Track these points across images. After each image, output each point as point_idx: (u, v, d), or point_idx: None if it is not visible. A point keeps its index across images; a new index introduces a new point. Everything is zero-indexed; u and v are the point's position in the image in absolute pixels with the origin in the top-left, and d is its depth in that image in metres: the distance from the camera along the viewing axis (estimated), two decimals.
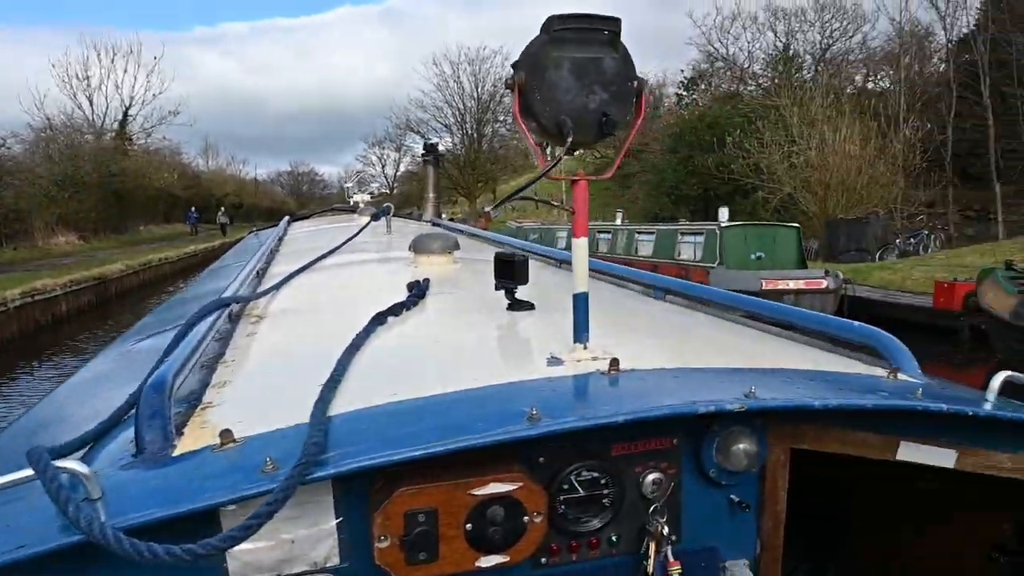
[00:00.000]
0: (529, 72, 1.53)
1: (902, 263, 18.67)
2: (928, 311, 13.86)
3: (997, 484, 1.67)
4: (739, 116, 31.14)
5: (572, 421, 1.33)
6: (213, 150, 77.32)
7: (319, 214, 9.83)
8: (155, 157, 44.96)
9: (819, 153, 22.98)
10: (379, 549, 1.29)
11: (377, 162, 71.84)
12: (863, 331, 2.04)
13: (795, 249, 16.63)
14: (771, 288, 14.86)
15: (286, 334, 2.33)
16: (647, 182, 36.01)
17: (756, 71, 36.35)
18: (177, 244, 36.16)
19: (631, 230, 20.19)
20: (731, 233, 16.28)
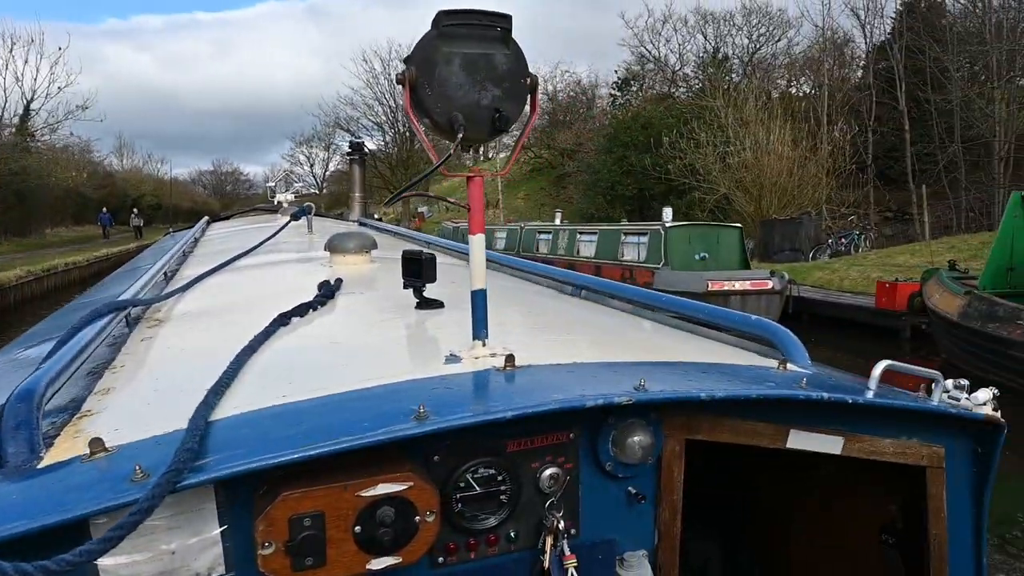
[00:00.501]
0: (420, 68, 1.51)
1: (837, 263, 18.86)
2: (870, 311, 13.89)
3: (885, 469, 1.76)
4: (672, 117, 31.24)
5: (459, 418, 1.31)
6: (128, 148, 73.44)
7: (240, 215, 9.62)
8: (62, 155, 41.73)
9: (753, 154, 23.06)
10: (263, 556, 1.23)
11: (305, 161, 69.86)
12: (759, 324, 2.10)
13: (738, 249, 16.47)
14: (717, 289, 14.58)
15: (185, 338, 2.21)
16: (582, 182, 35.76)
17: (687, 73, 36.73)
18: (88, 247, 33.67)
19: (572, 230, 19.69)
20: (675, 233, 15.97)
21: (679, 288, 15.12)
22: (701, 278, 14.84)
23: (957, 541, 1.83)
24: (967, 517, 1.86)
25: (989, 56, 26.40)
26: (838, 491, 2.04)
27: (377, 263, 3.38)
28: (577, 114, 44.12)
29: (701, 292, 14.70)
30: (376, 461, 1.32)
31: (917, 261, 17.09)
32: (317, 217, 6.40)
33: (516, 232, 23.01)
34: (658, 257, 15.84)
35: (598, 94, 45.03)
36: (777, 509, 2.31)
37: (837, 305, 14.73)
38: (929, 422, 1.77)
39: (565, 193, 40.57)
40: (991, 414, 1.73)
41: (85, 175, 45.91)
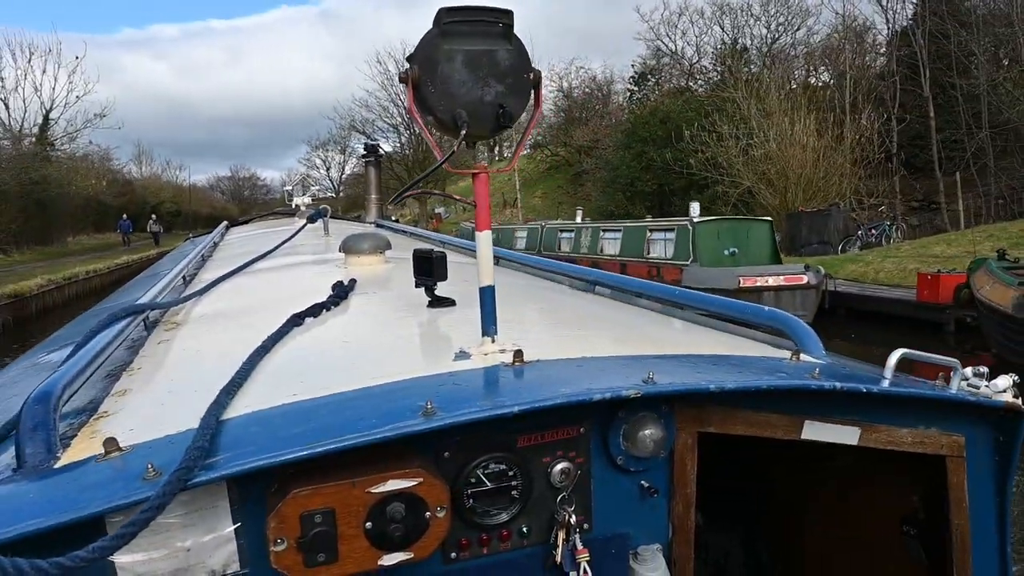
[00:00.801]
0: (422, 66, 1.50)
1: (869, 255, 18.22)
2: (911, 304, 13.28)
3: (905, 460, 1.76)
4: (691, 110, 30.61)
5: (466, 413, 1.29)
6: (147, 155, 73.85)
7: (259, 219, 9.62)
8: (82, 163, 41.89)
9: (778, 145, 22.43)
10: (275, 553, 1.23)
11: (321, 165, 69.80)
12: (771, 315, 2.07)
13: (768, 244, 15.94)
14: (749, 285, 14.07)
15: (201, 340, 2.22)
16: (601, 179, 35.22)
17: (705, 66, 36.02)
18: (108, 255, 33.66)
19: (595, 228, 19.23)
20: (704, 229, 15.47)
21: (709, 285, 14.62)
22: (732, 274, 14.34)
23: (980, 531, 1.79)
24: (990, 507, 1.82)
25: (1017, 39, 25.53)
26: (856, 482, 2.01)
27: (392, 263, 3.35)
28: (593, 110, 43.55)
29: (732, 289, 14.21)
30: (386, 458, 1.31)
31: (955, 251, 16.45)
32: (334, 219, 6.38)
33: (537, 231, 22.57)
34: (686, 253, 15.34)
35: (613, 90, 44.45)
36: (794, 501, 2.29)
37: (875, 299, 14.13)
38: (948, 411, 1.73)
39: (583, 191, 40.04)
40: (1012, 401, 1.68)
41: (104, 183, 46.09)
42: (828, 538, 2.17)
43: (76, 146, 39.70)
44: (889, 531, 1.94)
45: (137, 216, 48.44)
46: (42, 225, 35.79)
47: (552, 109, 45.76)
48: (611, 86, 44.41)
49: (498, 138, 37.52)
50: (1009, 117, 25.00)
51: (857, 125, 23.56)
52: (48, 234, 37.09)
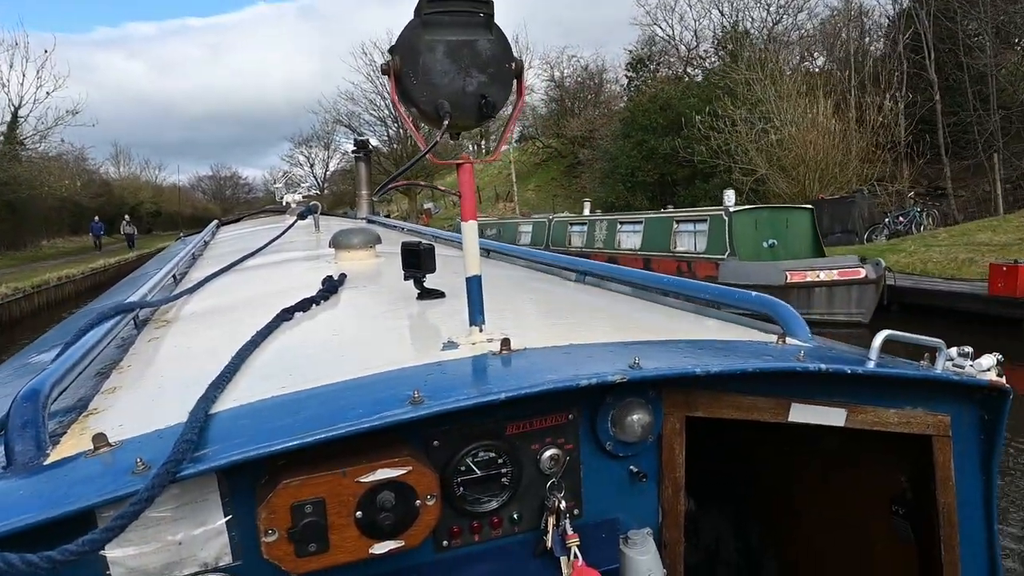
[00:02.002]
0: (404, 57, 1.49)
1: (904, 244, 16.73)
2: (980, 299, 11.73)
3: (892, 440, 1.75)
4: (694, 96, 29.00)
5: (453, 401, 1.29)
6: (124, 155, 70.75)
7: (249, 217, 9.42)
8: (55, 163, 39.36)
9: (797, 129, 20.85)
10: (266, 543, 1.23)
11: (305, 162, 67.54)
12: (759, 300, 2.08)
13: (810, 234, 14.37)
14: (798, 281, 12.49)
15: (191, 337, 2.19)
16: (599, 170, 33.52)
17: (707, 50, 34.33)
18: (84, 259, 31.41)
19: (611, 220, 17.53)
20: (741, 219, 13.85)
21: (751, 281, 13.00)
22: (777, 269, 12.74)
23: (967, 509, 1.79)
24: (976, 485, 1.82)
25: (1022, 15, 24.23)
26: (844, 463, 2.02)
27: (382, 258, 3.33)
28: (586, 100, 41.83)
29: (779, 285, 12.61)
30: (375, 447, 1.30)
31: (1005, 238, 15.02)
32: (324, 216, 6.33)
33: (543, 225, 20.82)
34: (722, 246, 13.72)
35: (606, 79, 42.73)
36: (784, 484, 2.32)
37: (939, 293, 12.57)
38: (933, 390, 1.74)
39: (578, 183, 38.39)
40: (996, 380, 1.69)
41: (79, 184, 43.50)
42: (818, 519, 2.17)
43: (48, 145, 37.13)
44: (878, 511, 1.94)
45: (115, 217, 46.04)
46: (12, 228, 33.42)
47: (544, 99, 44.01)
48: (603, 75, 42.70)
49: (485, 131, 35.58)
50: (1018, 98, 23.76)
51: (880, 107, 22.00)
52: (20, 237, 34.69)
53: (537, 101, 44.86)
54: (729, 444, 2.26)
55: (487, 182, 47.99)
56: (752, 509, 2.43)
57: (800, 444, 2.02)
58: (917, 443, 1.76)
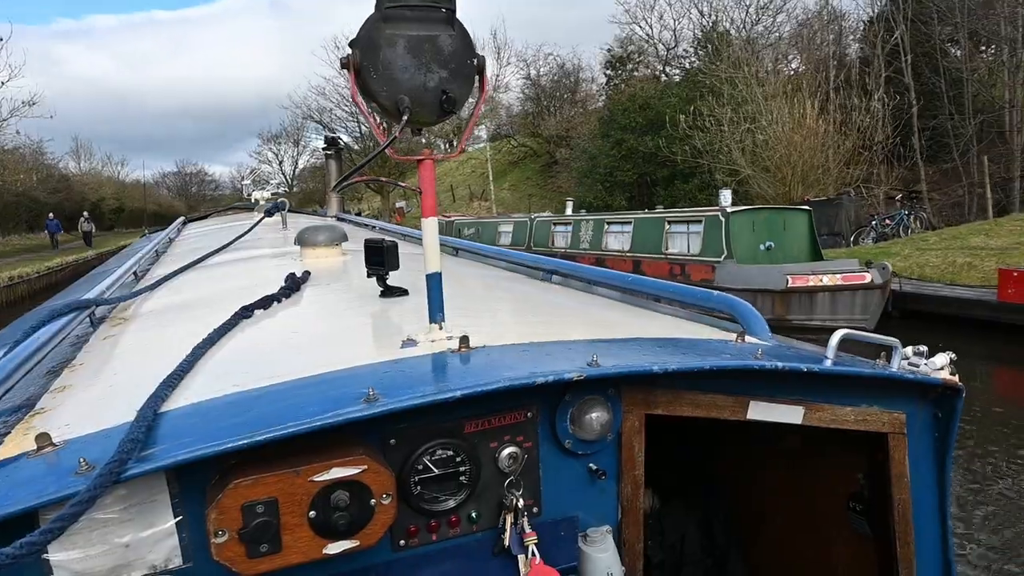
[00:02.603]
0: (364, 51, 1.46)
1: (898, 247, 16.24)
2: (989, 305, 11.20)
3: (850, 438, 1.77)
4: (673, 96, 28.42)
5: (407, 399, 1.26)
6: (86, 150, 67.97)
7: (217, 214, 9.29)
8: (10, 156, 37.29)
9: (783, 129, 20.30)
10: (216, 545, 1.18)
11: (274, 159, 65.55)
12: (720, 299, 2.08)
13: (807, 236, 13.73)
14: (800, 285, 11.81)
15: (149, 335, 2.14)
16: (577, 170, 32.77)
17: (687, 50, 33.72)
18: (41, 257, 29.67)
19: (598, 220, 16.73)
20: (739, 220, 13.13)
21: (750, 286, 12.32)
22: (778, 273, 12.05)
23: (922, 506, 1.80)
24: (931, 482, 1.83)
25: (996, 20, 24.12)
26: (805, 462, 2.03)
27: (349, 256, 3.27)
28: (562, 99, 41.08)
29: (780, 290, 11.95)
30: (330, 446, 1.26)
31: (1001, 242, 14.58)
32: (293, 214, 6.24)
33: (525, 225, 19.97)
34: (718, 248, 13.02)
35: (582, 77, 42.02)
36: (748, 482, 2.32)
37: (943, 299, 12.02)
38: (888, 389, 1.74)
39: (554, 182, 37.63)
40: (949, 378, 1.69)
41: (36, 178, 41.36)
42: (780, 517, 2.18)
43: (3, 137, 35.12)
44: (837, 509, 1.94)
45: (75, 214, 43.95)
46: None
47: (519, 98, 43.16)
48: (579, 73, 41.99)
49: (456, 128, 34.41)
50: (991, 101, 23.67)
51: (867, 108, 21.58)
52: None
53: (512, 99, 44.02)
54: (695, 443, 2.34)
55: (461, 180, 47.03)
56: (717, 507, 2.45)
57: (763, 443, 2.06)
58: (874, 441, 1.77)
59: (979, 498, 6.19)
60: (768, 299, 12.01)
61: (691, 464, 2.42)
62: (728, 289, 11.53)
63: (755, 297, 12.18)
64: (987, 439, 7.42)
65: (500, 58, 40.26)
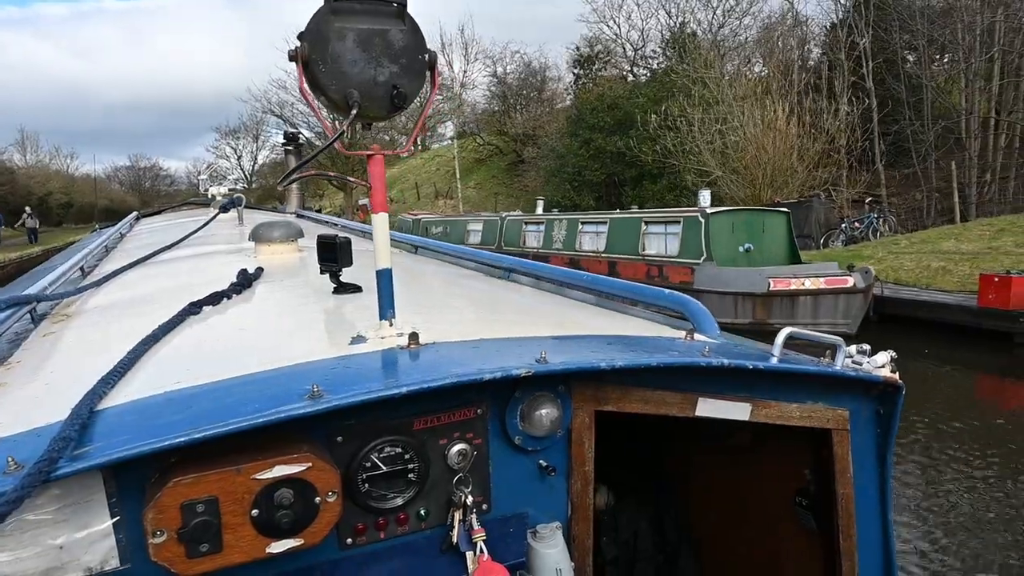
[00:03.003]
0: (312, 44, 1.43)
1: (869, 250, 16.13)
2: (969, 311, 11.03)
3: (799, 435, 1.80)
4: (642, 96, 28.15)
5: (352, 395, 1.23)
6: (32, 142, 64.79)
7: (172, 209, 9.06)
8: None
9: (755, 131, 20.11)
10: (154, 545, 1.14)
11: (232, 153, 63.54)
12: (671, 297, 2.11)
13: (785, 239, 13.46)
14: (781, 288, 11.48)
15: (92, 332, 2.05)
16: (545, 168, 32.29)
17: (655, 50, 33.45)
18: None
19: (572, 220, 16.24)
20: (718, 221, 12.76)
21: (730, 288, 11.95)
22: (760, 276, 11.71)
23: (864, 500, 1.83)
24: (873, 476, 1.86)
25: (954, 28, 24.44)
26: (755, 458, 2.06)
27: (305, 252, 3.21)
28: (528, 98, 40.56)
29: (761, 293, 11.60)
30: (274, 444, 1.24)
31: (973, 247, 14.55)
32: (250, 209, 6.24)
33: (495, 224, 19.39)
34: (698, 251, 12.63)
35: (548, 76, 41.57)
36: (700, 479, 2.34)
37: (922, 304, 11.83)
38: (833, 386, 1.77)
39: (520, 181, 37.10)
40: (890, 376, 1.72)
41: None
42: (730, 512, 2.19)
43: None
44: (785, 503, 1.97)
45: (19, 209, 41.66)
46: None
47: (486, 96, 42.49)
48: (546, 72, 41.53)
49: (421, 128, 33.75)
50: (947, 108, 23.98)
51: (836, 112, 21.57)
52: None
53: (478, 97, 43.33)
54: (648, 440, 2.38)
55: (426, 178, 46.17)
56: (670, 504, 2.46)
57: (714, 440, 2.10)
58: (819, 437, 1.80)
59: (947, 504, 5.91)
60: (749, 302, 11.68)
61: (645, 461, 2.47)
62: (708, 292, 11.05)
63: (736, 300, 11.82)
64: (954, 443, 7.12)
65: (468, 54, 39.51)
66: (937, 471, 6.65)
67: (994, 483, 6.34)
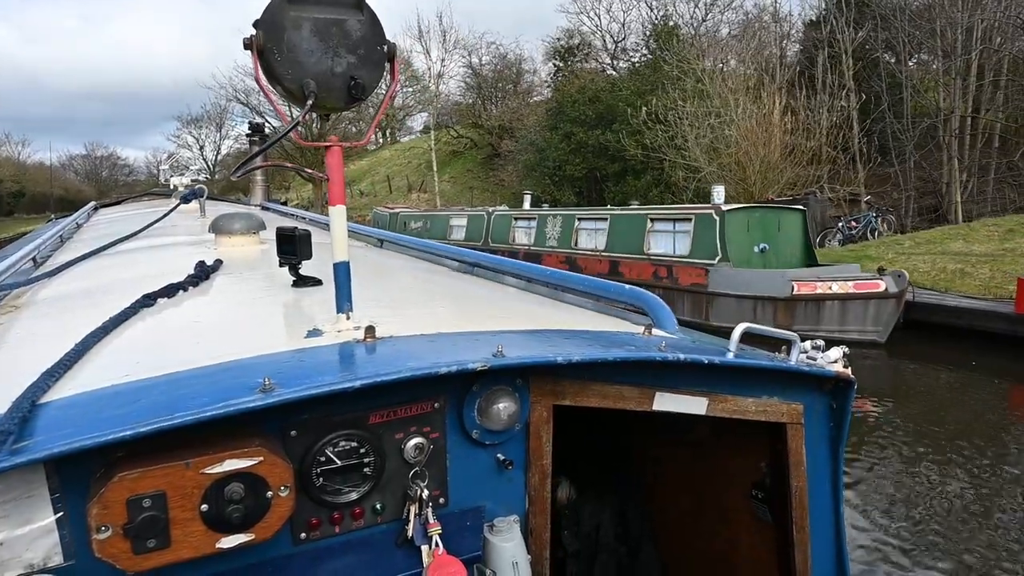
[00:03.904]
0: (267, 32, 1.40)
1: (872, 250, 15.35)
2: (1008, 317, 10.19)
3: (755, 430, 1.82)
4: (625, 89, 27.14)
5: (304, 389, 1.19)
6: None
7: (133, 199, 8.83)
8: None
9: (752, 125, 19.22)
10: (98, 541, 1.11)
11: (194, 143, 60.72)
12: (630, 293, 2.12)
13: (801, 238, 12.50)
14: (806, 293, 10.50)
15: (41, 324, 1.99)
16: (524, 162, 31.06)
17: (637, 42, 32.41)
18: None
19: (568, 216, 15.07)
20: (734, 219, 11.73)
21: (749, 292, 10.94)
22: (782, 278, 10.71)
23: (817, 492, 1.86)
24: (825, 469, 1.89)
25: (934, 25, 24.00)
26: (713, 452, 2.10)
27: (266, 244, 3.15)
28: (505, 90, 39.23)
29: (783, 297, 10.60)
30: (224, 438, 1.20)
31: (985, 248, 13.84)
32: (213, 201, 6.20)
33: (481, 219, 18.13)
34: (712, 250, 11.59)
35: (524, 68, 40.30)
36: (661, 472, 2.37)
37: (953, 310, 10.95)
38: (787, 381, 1.80)
39: (496, 175, 35.81)
40: (842, 371, 1.76)
41: None
42: (690, 505, 2.23)
43: None
44: (741, 495, 2.00)
45: None
46: None
47: (460, 87, 41.02)
48: (521, 64, 40.25)
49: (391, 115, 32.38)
50: (925, 107, 23.56)
51: (832, 107, 20.82)
52: None
53: (452, 88, 41.82)
54: (610, 434, 2.44)
55: (397, 171, 44.54)
56: (632, 497, 2.48)
57: (674, 434, 2.17)
58: (774, 431, 1.82)
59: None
60: (770, 307, 10.69)
61: (609, 455, 2.52)
62: (724, 295, 9.91)
63: (755, 304, 10.81)
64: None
65: (446, 41, 37.96)
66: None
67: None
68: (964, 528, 5.43)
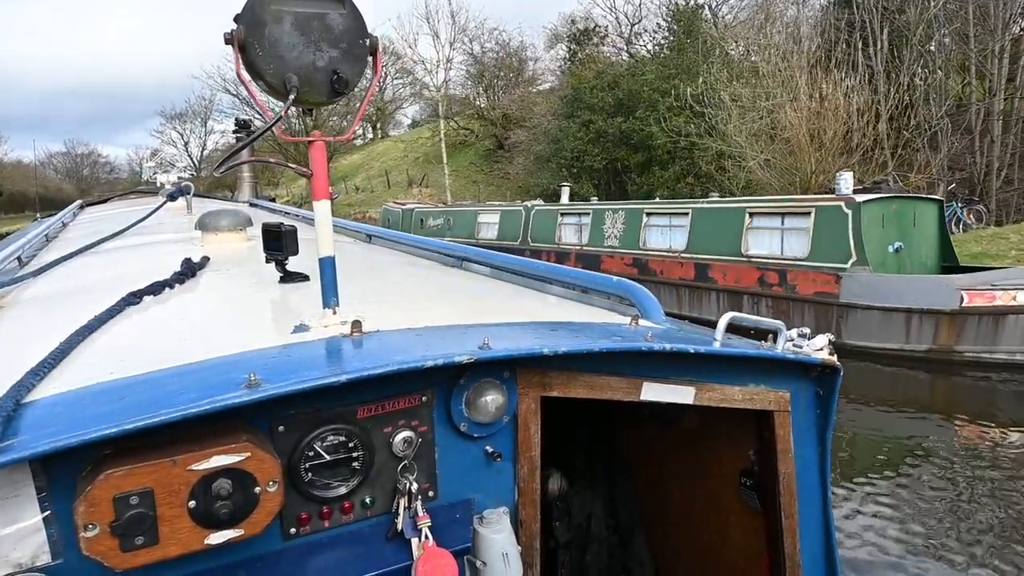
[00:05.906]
0: (249, 27, 1.37)
1: (984, 245, 12.97)
2: None
3: (744, 418, 1.81)
4: (650, 74, 24.62)
5: (290, 384, 1.18)
6: None
7: (119, 198, 8.62)
8: None
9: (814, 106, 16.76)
10: (86, 539, 1.08)
11: (179, 139, 57.14)
12: (617, 284, 2.09)
13: (937, 235, 10.05)
14: (982, 305, 8.04)
15: (27, 323, 1.97)
16: (536, 153, 28.42)
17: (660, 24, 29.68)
18: None
19: (633, 210, 12.49)
20: (870, 212, 9.24)
21: (902, 304, 8.45)
22: (948, 287, 8.23)
23: (804, 478, 1.84)
24: (813, 455, 1.87)
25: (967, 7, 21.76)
26: (702, 441, 2.07)
27: (253, 241, 3.07)
28: (507, 80, 36.49)
29: (949, 310, 8.14)
30: (211, 434, 1.18)
31: None
32: (200, 198, 6.17)
33: (518, 215, 15.46)
34: (844, 252, 9.08)
35: (527, 56, 37.57)
36: (651, 462, 2.34)
37: None
38: (774, 369, 1.78)
39: (501, 168, 33.16)
40: (828, 358, 1.74)
41: None
42: (679, 494, 2.21)
43: None
44: (731, 485, 1.98)
45: None
46: None
47: (463, 76, 38.18)
48: (524, 52, 37.51)
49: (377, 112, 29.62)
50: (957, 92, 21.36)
51: (896, 83, 18.48)
52: None
53: (454, 77, 38.97)
54: (602, 426, 2.40)
55: (393, 165, 41.70)
56: (623, 487, 2.45)
57: (663, 424, 2.14)
58: (762, 418, 1.80)
59: None
60: (930, 322, 8.23)
61: (600, 446, 2.47)
62: (864, 307, 7.32)
63: (908, 319, 8.34)
64: None
65: (456, 23, 35.06)
66: None
67: None
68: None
